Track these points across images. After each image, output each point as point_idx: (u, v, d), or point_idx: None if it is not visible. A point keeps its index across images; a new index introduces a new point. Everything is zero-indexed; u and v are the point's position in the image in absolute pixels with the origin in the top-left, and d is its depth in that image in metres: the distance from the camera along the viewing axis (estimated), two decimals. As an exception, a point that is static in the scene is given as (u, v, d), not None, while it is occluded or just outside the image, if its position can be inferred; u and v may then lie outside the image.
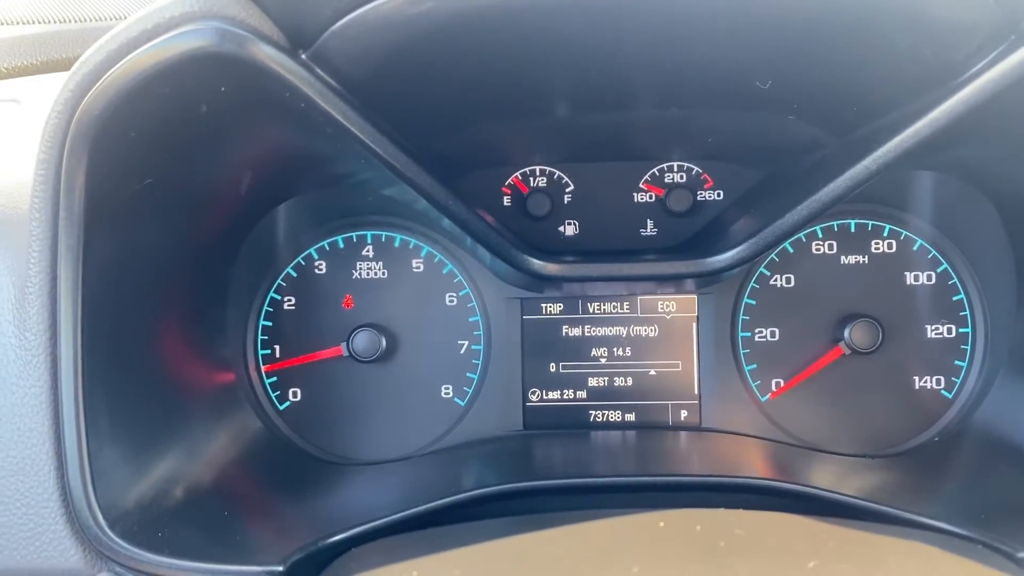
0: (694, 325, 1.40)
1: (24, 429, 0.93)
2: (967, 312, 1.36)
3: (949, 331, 1.37)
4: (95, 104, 0.87)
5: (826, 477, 1.23)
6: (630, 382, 1.41)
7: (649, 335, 1.41)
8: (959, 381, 1.36)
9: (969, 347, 1.36)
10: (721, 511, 0.95)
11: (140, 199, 0.99)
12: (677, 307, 1.40)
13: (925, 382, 1.37)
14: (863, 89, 1.01)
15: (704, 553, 0.86)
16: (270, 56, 0.85)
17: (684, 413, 1.40)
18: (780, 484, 1.09)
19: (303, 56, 0.89)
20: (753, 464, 1.28)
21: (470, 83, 1.02)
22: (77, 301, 0.92)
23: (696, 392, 1.40)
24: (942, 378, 1.37)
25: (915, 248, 1.37)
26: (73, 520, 0.92)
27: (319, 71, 0.90)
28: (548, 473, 1.19)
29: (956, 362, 1.37)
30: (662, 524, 0.92)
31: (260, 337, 1.39)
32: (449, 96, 1.05)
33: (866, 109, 1.05)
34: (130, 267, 1.01)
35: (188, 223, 1.11)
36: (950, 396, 1.36)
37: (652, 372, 1.41)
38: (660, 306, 1.40)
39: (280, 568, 0.90)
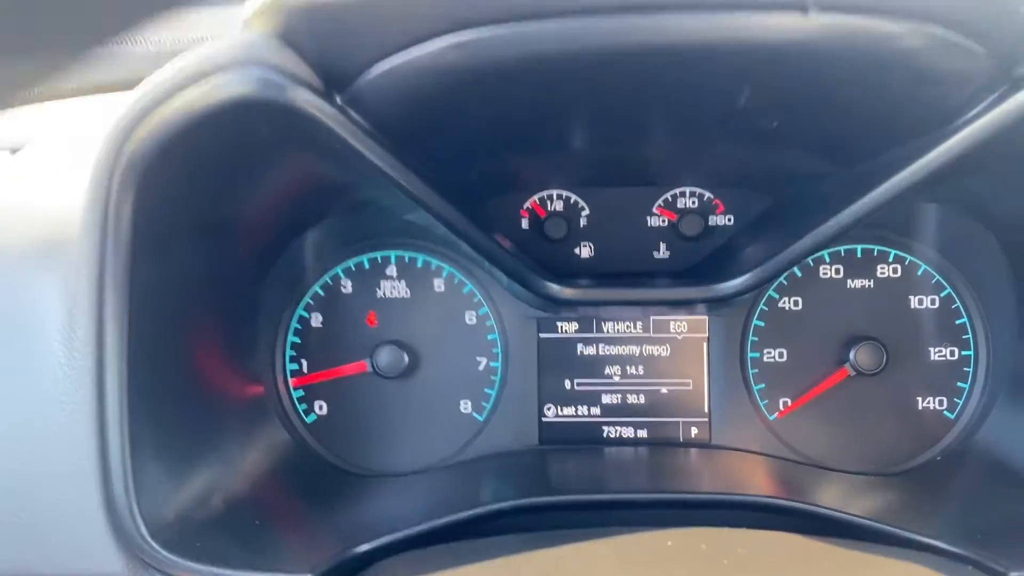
0: (705, 345, 1.44)
1: (72, 444, 0.96)
2: (969, 335, 1.39)
3: (952, 354, 1.40)
4: (143, 140, 0.91)
5: (831, 495, 1.27)
6: (642, 399, 1.45)
7: (661, 354, 1.45)
8: (961, 403, 1.39)
9: (971, 370, 1.39)
10: (726, 530, 1.00)
11: (182, 226, 1.04)
12: (689, 327, 1.44)
13: (928, 403, 1.40)
14: (862, 130, 1.05)
15: (708, 571, 0.91)
16: (308, 101, 0.89)
17: (694, 430, 1.44)
18: (785, 503, 1.13)
19: (339, 100, 0.93)
20: (760, 481, 1.31)
21: (496, 122, 1.07)
22: (123, 323, 0.95)
23: (706, 410, 1.44)
24: (945, 399, 1.40)
25: (919, 273, 1.40)
26: (118, 530, 0.95)
27: (353, 113, 0.94)
28: (563, 488, 1.23)
29: (958, 384, 1.40)
30: (670, 543, 0.97)
31: (288, 352, 1.43)
32: (475, 133, 1.10)
33: (866, 148, 1.09)
34: (170, 290, 1.05)
35: (225, 248, 1.16)
36: (952, 417, 1.40)
37: (664, 390, 1.45)
38: (672, 326, 1.44)
39: (310, 577, 0.94)
